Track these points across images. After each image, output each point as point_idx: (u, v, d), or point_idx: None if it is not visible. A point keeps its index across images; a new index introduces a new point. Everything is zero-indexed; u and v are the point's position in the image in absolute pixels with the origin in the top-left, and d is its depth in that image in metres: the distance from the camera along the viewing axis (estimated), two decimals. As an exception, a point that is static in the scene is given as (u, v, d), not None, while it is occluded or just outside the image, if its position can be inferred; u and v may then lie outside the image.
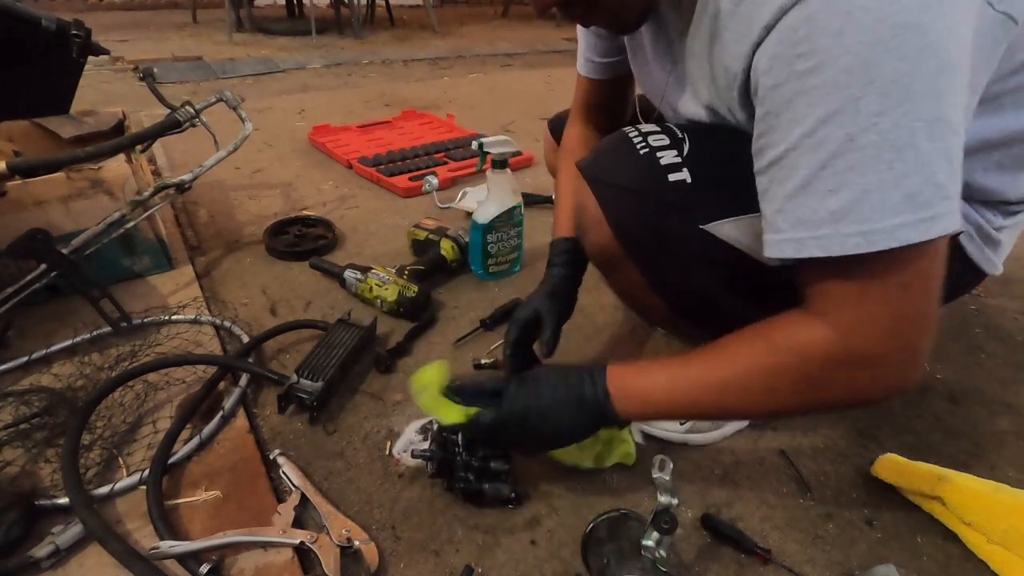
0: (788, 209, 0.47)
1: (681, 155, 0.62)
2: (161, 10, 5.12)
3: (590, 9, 0.58)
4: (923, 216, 0.43)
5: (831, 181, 0.44)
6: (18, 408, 0.83)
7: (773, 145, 0.47)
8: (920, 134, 0.42)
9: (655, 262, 0.66)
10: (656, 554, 0.56)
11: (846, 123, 0.42)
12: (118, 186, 1.07)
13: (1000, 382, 0.97)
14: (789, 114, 0.45)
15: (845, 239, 0.44)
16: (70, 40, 1.07)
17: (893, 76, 0.41)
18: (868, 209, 0.43)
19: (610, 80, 0.85)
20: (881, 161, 0.42)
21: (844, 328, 0.49)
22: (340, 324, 0.98)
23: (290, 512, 0.69)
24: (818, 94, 0.43)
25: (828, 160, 0.44)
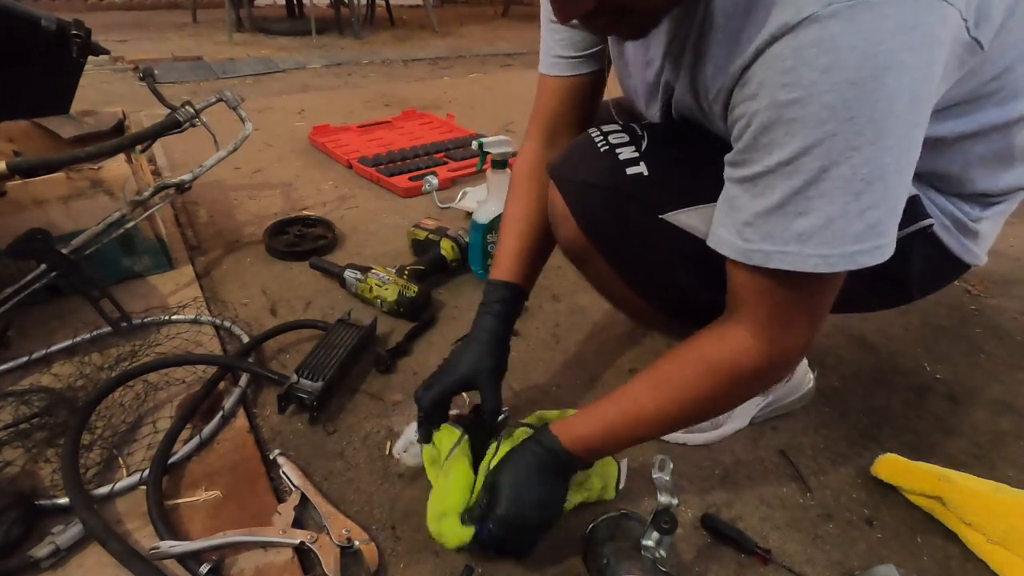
0: (758, 224, 0.50)
1: (639, 150, 0.65)
2: (161, 10, 5.12)
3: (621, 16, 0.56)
4: (878, 244, 0.48)
5: (802, 205, 0.47)
6: (18, 408, 0.83)
7: (749, 163, 0.50)
8: (890, 168, 0.45)
9: (620, 253, 0.70)
10: (656, 554, 0.56)
11: (822, 156, 0.45)
12: (118, 186, 1.07)
13: (1000, 382, 0.98)
14: (767, 139, 0.47)
15: (807, 258, 0.48)
16: (70, 40, 1.07)
17: (871, 115, 0.43)
18: (831, 235, 0.47)
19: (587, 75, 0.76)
20: (849, 193, 0.45)
21: (775, 341, 0.55)
22: (340, 324, 0.99)
23: (290, 512, 0.69)
24: (799, 126, 0.45)
25: (801, 187, 0.47)
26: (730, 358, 0.57)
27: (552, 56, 0.76)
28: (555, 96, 0.78)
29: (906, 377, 0.98)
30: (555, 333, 1.07)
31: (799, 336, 0.55)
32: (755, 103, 0.47)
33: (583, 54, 0.74)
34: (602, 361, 1.01)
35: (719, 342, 0.58)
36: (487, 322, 0.75)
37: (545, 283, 1.21)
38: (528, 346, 1.02)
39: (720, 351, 0.57)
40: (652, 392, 0.61)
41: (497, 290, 0.76)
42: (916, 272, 0.66)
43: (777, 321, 0.54)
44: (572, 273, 1.17)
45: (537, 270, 0.81)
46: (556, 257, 0.81)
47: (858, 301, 0.71)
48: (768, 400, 0.85)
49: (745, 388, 0.59)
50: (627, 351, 1.03)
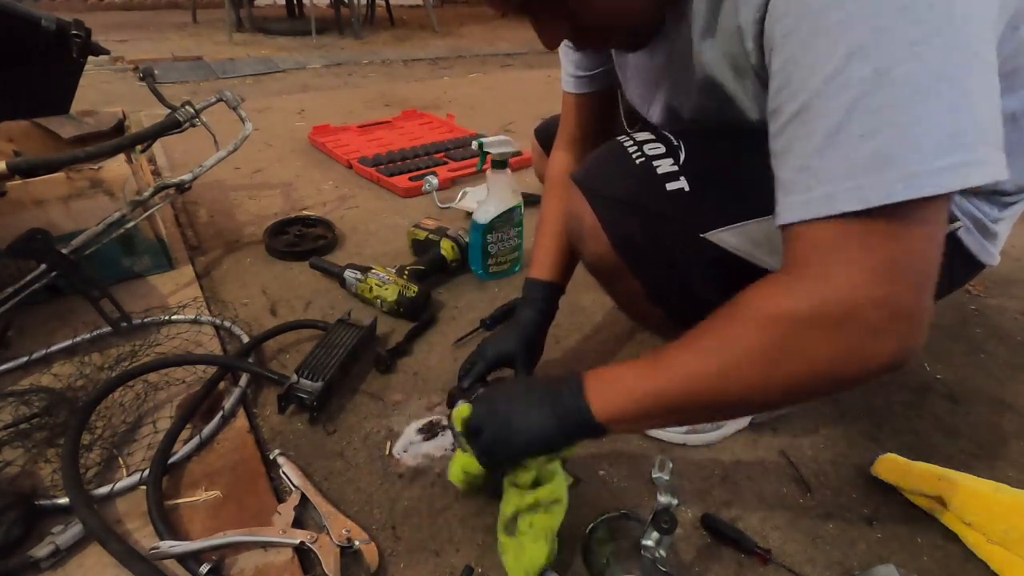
0: (815, 165, 0.41)
1: (678, 163, 0.60)
2: (161, 10, 5.12)
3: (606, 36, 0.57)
4: (968, 159, 0.38)
5: (865, 123, 0.38)
6: (18, 408, 0.83)
7: (792, 97, 0.41)
8: (964, 64, 0.37)
9: (655, 273, 0.65)
10: (656, 554, 0.56)
11: (876, 57, 0.37)
12: (118, 186, 1.07)
13: (1000, 382, 0.97)
14: (808, 58, 0.40)
15: (884, 186, 0.38)
16: (70, 40, 1.07)
17: (929, 1, 0.36)
18: (910, 149, 0.38)
19: (598, 93, 0.81)
20: (921, 91, 0.37)
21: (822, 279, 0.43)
22: (340, 324, 0.98)
23: (290, 512, 0.69)
24: (840, 30, 0.38)
25: (857, 100, 0.38)
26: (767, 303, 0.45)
27: (567, 75, 0.82)
28: (574, 111, 0.85)
29: (906, 377, 0.98)
30: (555, 333, 1.07)
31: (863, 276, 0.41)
32: (786, 22, 0.41)
33: (590, 73, 0.80)
34: (603, 361, 1.01)
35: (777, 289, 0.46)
36: (527, 313, 0.82)
37: (545, 283, 1.21)
38: (528, 346, 1.02)
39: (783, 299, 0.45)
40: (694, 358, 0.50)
41: (537, 288, 0.84)
42: (940, 275, 0.64)
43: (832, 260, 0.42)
44: (572, 273, 1.18)
45: (573, 266, 0.86)
46: (556, 257, 0.81)
47: None
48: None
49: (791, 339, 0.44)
50: (627, 351, 1.03)
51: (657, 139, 0.63)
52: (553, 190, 0.87)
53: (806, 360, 0.45)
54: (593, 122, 0.84)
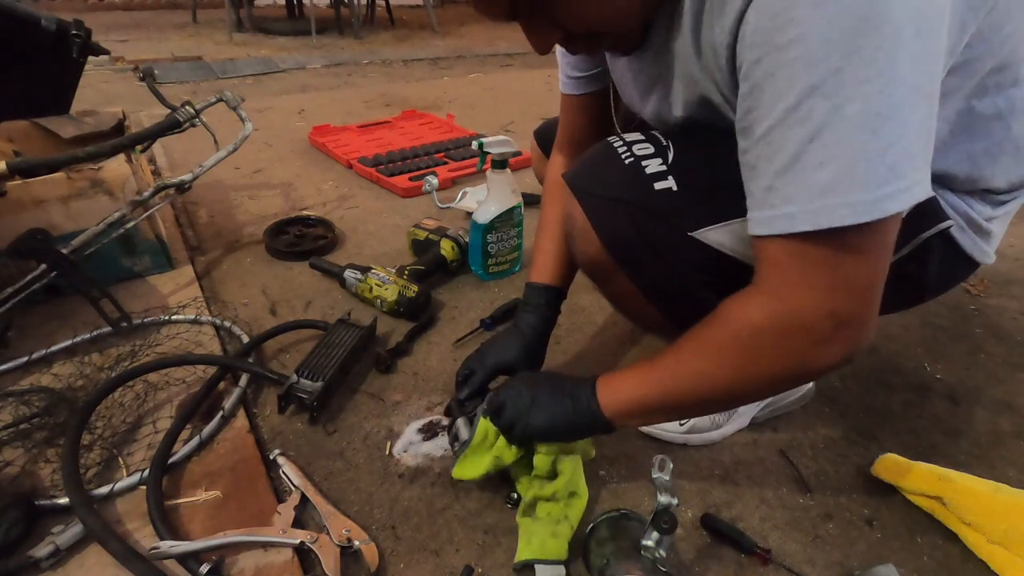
0: (778, 186, 0.47)
1: (666, 163, 0.62)
2: (161, 10, 5.12)
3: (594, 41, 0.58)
4: (901, 186, 0.43)
5: (820, 154, 0.44)
6: (18, 408, 0.83)
7: (758, 121, 0.46)
8: (905, 102, 0.42)
9: (646, 271, 0.66)
10: (656, 554, 0.56)
11: (830, 94, 0.42)
12: (118, 186, 1.07)
13: (1000, 382, 0.97)
14: (772, 88, 0.44)
15: (832, 211, 0.44)
16: (70, 40, 1.07)
17: (877, 44, 0.40)
18: (854, 181, 0.43)
19: (594, 94, 0.81)
20: (867, 130, 0.42)
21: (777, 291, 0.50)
22: (340, 324, 0.99)
23: (290, 512, 0.69)
24: (800, 66, 0.42)
25: (815, 133, 0.43)
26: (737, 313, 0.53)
27: (564, 76, 0.82)
28: (572, 112, 0.85)
29: (906, 377, 0.98)
30: (555, 333, 1.07)
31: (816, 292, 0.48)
32: (753, 52, 0.45)
33: (586, 74, 0.80)
34: (603, 361, 1.01)
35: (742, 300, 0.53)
36: (528, 318, 0.82)
37: (545, 283, 1.21)
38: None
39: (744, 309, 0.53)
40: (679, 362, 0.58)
41: (538, 293, 0.84)
42: (933, 274, 0.65)
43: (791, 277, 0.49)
44: (572, 273, 1.18)
45: (574, 270, 0.85)
46: (556, 257, 0.81)
47: None
48: (768, 400, 0.85)
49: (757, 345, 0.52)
50: (627, 351, 1.03)
51: (646, 139, 0.64)
52: (553, 193, 0.87)
53: (766, 363, 0.53)
54: (590, 123, 0.84)
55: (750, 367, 0.54)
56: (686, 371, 0.57)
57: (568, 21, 0.53)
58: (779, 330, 0.51)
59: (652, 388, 0.60)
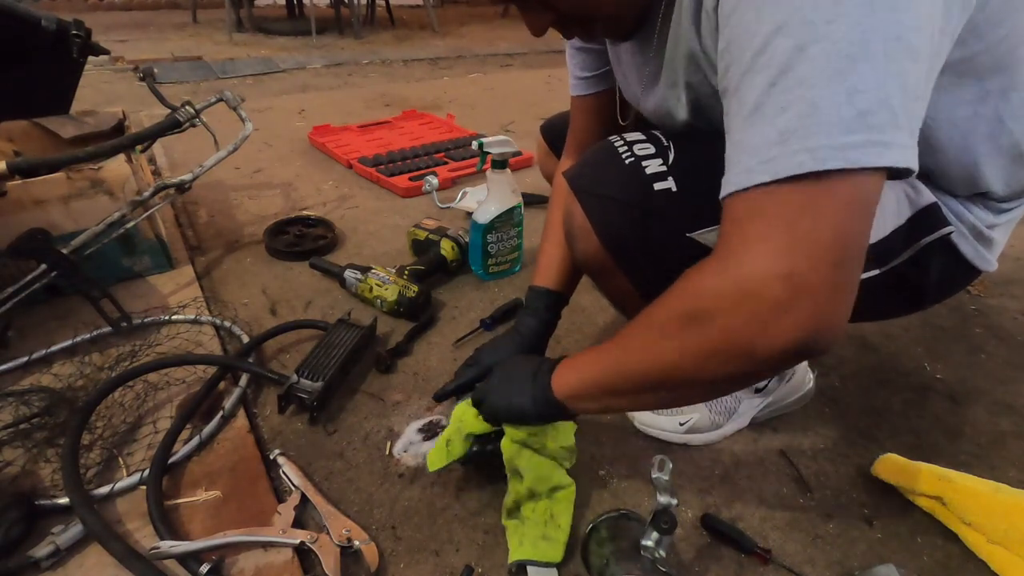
0: (740, 139, 0.43)
1: (666, 163, 0.62)
2: (161, 10, 5.12)
3: (587, 25, 0.59)
4: (873, 139, 0.39)
5: (781, 99, 0.40)
6: (18, 408, 0.83)
7: (732, 76, 0.43)
8: (877, 47, 0.38)
9: (643, 270, 0.66)
10: (656, 554, 0.56)
11: (795, 32, 0.39)
12: (118, 186, 1.07)
13: (1000, 382, 0.97)
14: (742, 35, 0.42)
15: (790, 157, 0.39)
16: (70, 40, 1.07)
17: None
18: (815, 124, 0.39)
19: (601, 94, 0.82)
20: (833, 71, 0.38)
21: (728, 251, 0.44)
22: (340, 324, 0.99)
23: (290, 512, 0.69)
24: (768, 7, 0.40)
25: (778, 76, 0.40)
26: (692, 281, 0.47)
27: (573, 78, 0.82)
28: (581, 114, 0.85)
29: (906, 377, 0.98)
30: (555, 333, 1.07)
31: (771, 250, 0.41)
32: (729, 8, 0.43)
33: (594, 74, 0.80)
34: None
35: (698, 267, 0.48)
36: (528, 321, 0.82)
37: (545, 283, 1.21)
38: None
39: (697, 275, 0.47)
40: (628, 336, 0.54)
41: (539, 296, 0.83)
42: (934, 281, 0.64)
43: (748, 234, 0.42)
44: (572, 273, 1.18)
45: (578, 276, 0.85)
46: (556, 257, 0.81)
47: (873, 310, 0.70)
48: (768, 400, 0.85)
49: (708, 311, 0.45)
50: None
51: (648, 140, 0.64)
52: (559, 197, 0.86)
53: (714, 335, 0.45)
54: (598, 126, 0.84)
55: (695, 338, 0.46)
56: (633, 345, 0.53)
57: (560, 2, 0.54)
58: (728, 295, 0.43)
59: (602, 367, 0.57)
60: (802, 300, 0.41)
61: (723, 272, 0.44)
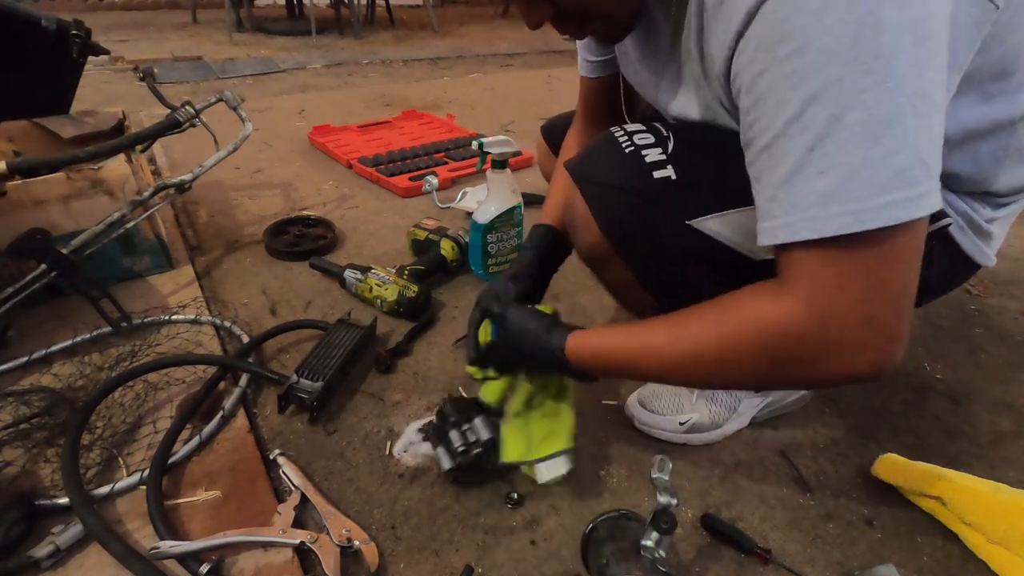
0: (780, 196, 0.47)
1: (666, 152, 0.62)
2: (161, 10, 5.12)
3: (582, 21, 0.59)
4: (910, 195, 0.43)
5: (821, 163, 0.43)
6: (18, 408, 0.83)
7: (761, 133, 0.47)
8: (907, 109, 0.41)
9: (644, 259, 0.67)
10: (656, 554, 0.56)
11: (830, 103, 0.42)
12: (118, 186, 1.07)
13: (1000, 382, 0.97)
14: (773, 100, 0.45)
15: (834, 219, 0.44)
16: (70, 40, 1.07)
17: (876, 52, 0.40)
18: (856, 188, 0.43)
19: (608, 77, 0.85)
20: (868, 137, 0.42)
21: (812, 302, 0.48)
22: (340, 324, 0.99)
23: (290, 512, 0.69)
24: (800, 77, 0.43)
25: (815, 142, 0.43)
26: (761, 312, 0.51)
27: (582, 59, 0.86)
28: (588, 94, 0.89)
29: (906, 377, 0.98)
30: (555, 333, 1.07)
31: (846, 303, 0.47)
32: (754, 66, 0.46)
33: (601, 59, 0.83)
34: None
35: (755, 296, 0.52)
36: (526, 255, 0.82)
37: (545, 283, 1.21)
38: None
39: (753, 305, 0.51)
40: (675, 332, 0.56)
41: (537, 230, 0.84)
42: (935, 274, 0.64)
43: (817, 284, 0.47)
44: (572, 273, 1.18)
45: None
46: (556, 257, 0.81)
47: None
48: (768, 400, 0.85)
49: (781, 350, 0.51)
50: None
51: (647, 130, 0.65)
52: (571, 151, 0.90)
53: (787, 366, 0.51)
54: (606, 105, 0.87)
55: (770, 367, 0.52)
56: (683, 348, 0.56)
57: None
58: (814, 336, 0.49)
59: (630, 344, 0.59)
60: (878, 340, 0.48)
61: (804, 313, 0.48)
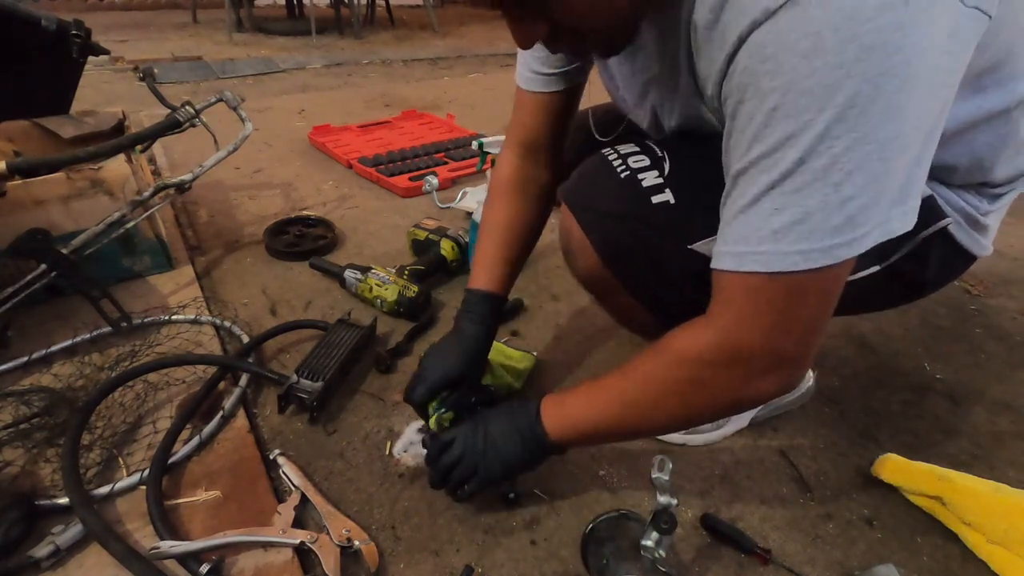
0: (735, 225, 0.48)
1: (662, 175, 0.62)
2: (161, 10, 5.11)
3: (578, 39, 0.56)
4: (855, 236, 0.45)
5: (778, 200, 0.45)
6: (18, 408, 0.83)
7: (736, 160, 0.48)
8: (872, 156, 0.42)
9: (646, 284, 0.66)
10: (655, 554, 0.56)
11: (801, 146, 0.43)
12: (118, 186, 1.07)
13: (1000, 382, 0.97)
14: (751, 131, 0.45)
15: (784, 257, 0.46)
16: (70, 40, 1.07)
17: (852, 100, 0.41)
18: (808, 230, 0.45)
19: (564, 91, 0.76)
20: (828, 184, 0.43)
21: (728, 332, 0.51)
22: (340, 324, 0.98)
23: (290, 512, 0.69)
24: (779, 115, 0.43)
25: (778, 180, 0.44)
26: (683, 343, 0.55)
27: (529, 71, 0.75)
28: (531, 111, 0.78)
29: (906, 377, 0.98)
30: (556, 334, 1.07)
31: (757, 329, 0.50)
32: (738, 93, 0.46)
33: (558, 71, 0.73)
34: (603, 361, 1.01)
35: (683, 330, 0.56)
36: (471, 328, 0.78)
37: (545, 283, 1.21)
38: (528, 346, 1.02)
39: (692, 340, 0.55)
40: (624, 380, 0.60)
41: (480, 300, 0.79)
42: (932, 271, 0.65)
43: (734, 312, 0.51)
44: (572, 273, 1.18)
45: (515, 275, 0.83)
46: (556, 257, 0.81)
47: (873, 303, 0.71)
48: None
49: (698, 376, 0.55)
50: (628, 351, 1.03)
51: (641, 151, 0.64)
52: (498, 194, 0.81)
53: (707, 394, 0.55)
54: (551, 123, 0.78)
55: (691, 397, 0.56)
56: (632, 399, 0.59)
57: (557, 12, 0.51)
58: (722, 363, 0.53)
59: (598, 415, 0.61)
60: (783, 367, 0.53)
61: (719, 344, 0.52)
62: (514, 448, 0.65)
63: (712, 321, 0.53)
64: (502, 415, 0.67)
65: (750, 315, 0.50)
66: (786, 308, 0.49)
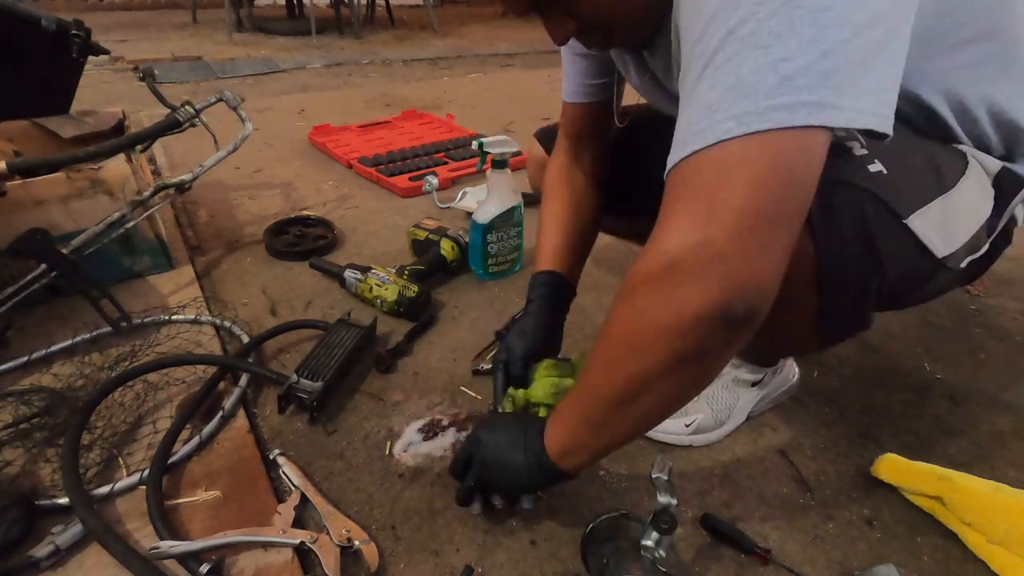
0: (680, 121, 0.45)
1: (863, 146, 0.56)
2: (161, 10, 5.12)
3: (607, 33, 0.59)
4: (804, 99, 0.39)
5: (711, 77, 0.42)
6: (18, 408, 0.83)
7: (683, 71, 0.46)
8: (804, 21, 0.39)
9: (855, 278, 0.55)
10: (656, 554, 0.56)
11: (725, 19, 0.41)
12: (118, 186, 1.07)
13: (1000, 382, 0.97)
14: (685, 34, 0.45)
15: (717, 126, 0.41)
16: (70, 40, 1.07)
17: None
18: (740, 94, 0.40)
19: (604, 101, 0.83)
20: (757, 48, 0.40)
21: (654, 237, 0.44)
22: (340, 324, 0.98)
23: (290, 512, 0.69)
24: (708, 10, 0.42)
25: (710, 58, 0.42)
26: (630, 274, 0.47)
27: (575, 86, 0.83)
28: (579, 119, 0.86)
29: (906, 377, 0.98)
30: (555, 333, 1.07)
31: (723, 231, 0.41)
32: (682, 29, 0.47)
33: (602, 81, 0.81)
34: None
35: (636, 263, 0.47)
36: (536, 306, 0.82)
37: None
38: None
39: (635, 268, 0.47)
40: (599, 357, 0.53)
41: (543, 281, 0.83)
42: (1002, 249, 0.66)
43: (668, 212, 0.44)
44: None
45: (579, 259, 0.87)
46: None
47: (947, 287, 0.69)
48: (763, 392, 0.85)
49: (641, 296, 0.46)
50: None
51: None
52: (555, 190, 0.88)
53: (646, 321, 0.46)
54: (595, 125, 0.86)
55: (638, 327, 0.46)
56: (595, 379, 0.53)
57: (583, 10, 0.55)
58: (655, 276, 0.44)
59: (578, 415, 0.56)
60: (711, 266, 0.41)
61: (651, 251, 0.44)
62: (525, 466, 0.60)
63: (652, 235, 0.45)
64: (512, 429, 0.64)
65: (680, 213, 0.43)
66: (714, 190, 0.41)
